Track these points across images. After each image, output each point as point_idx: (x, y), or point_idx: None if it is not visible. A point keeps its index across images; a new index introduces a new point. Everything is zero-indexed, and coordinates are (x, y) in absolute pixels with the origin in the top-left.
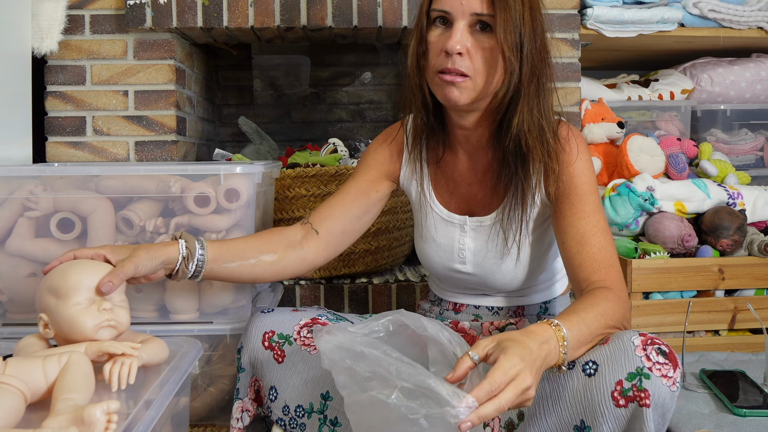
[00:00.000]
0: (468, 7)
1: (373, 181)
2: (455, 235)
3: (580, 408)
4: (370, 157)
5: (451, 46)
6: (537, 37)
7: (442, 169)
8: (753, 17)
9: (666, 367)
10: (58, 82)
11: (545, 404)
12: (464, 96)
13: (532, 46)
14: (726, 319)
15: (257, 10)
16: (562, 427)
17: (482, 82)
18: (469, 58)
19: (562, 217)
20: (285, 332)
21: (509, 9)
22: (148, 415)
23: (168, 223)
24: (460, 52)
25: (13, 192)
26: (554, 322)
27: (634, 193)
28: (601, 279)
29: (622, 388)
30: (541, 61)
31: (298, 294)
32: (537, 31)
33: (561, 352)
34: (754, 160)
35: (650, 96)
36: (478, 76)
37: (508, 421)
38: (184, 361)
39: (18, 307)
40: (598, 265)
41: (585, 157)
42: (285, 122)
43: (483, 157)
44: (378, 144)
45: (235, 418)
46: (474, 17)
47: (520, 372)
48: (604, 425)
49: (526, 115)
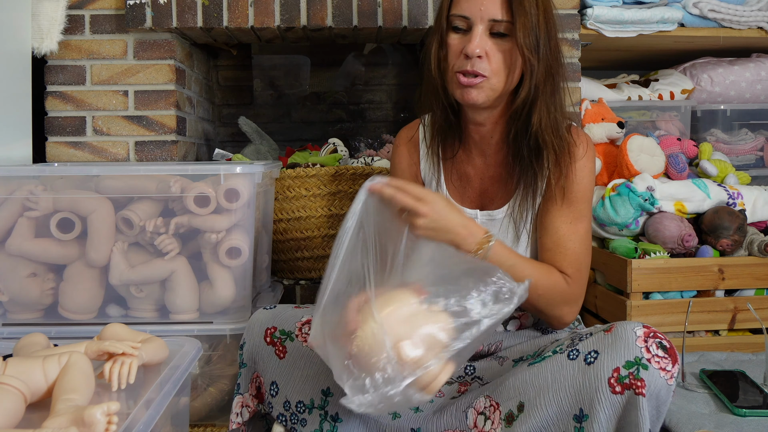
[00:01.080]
0: (486, 12)
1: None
2: None
3: (579, 397)
4: (399, 168)
5: (471, 49)
6: (551, 39)
7: (456, 164)
8: (753, 17)
9: (665, 361)
10: (58, 82)
11: (545, 395)
12: (482, 96)
13: (547, 47)
14: (726, 319)
15: (257, 10)
16: (562, 417)
17: (498, 83)
18: (488, 60)
19: (546, 213)
20: (287, 328)
21: (527, 14)
22: (148, 415)
23: (168, 223)
24: (479, 55)
25: (13, 192)
26: (492, 235)
27: (634, 193)
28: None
29: (618, 375)
30: (555, 61)
31: (298, 294)
32: (551, 33)
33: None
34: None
35: (650, 96)
36: (494, 77)
37: (508, 413)
38: (184, 361)
39: (18, 307)
40: (567, 263)
41: (589, 164)
42: (285, 122)
43: (496, 154)
44: (398, 149)
45: (234, 412)
46: (492, 23)
47: (426, 202)
48: (601, 412)
49: (544, 113)
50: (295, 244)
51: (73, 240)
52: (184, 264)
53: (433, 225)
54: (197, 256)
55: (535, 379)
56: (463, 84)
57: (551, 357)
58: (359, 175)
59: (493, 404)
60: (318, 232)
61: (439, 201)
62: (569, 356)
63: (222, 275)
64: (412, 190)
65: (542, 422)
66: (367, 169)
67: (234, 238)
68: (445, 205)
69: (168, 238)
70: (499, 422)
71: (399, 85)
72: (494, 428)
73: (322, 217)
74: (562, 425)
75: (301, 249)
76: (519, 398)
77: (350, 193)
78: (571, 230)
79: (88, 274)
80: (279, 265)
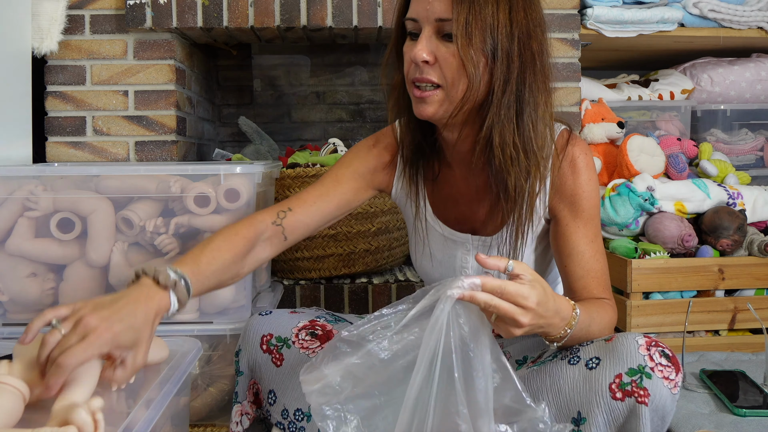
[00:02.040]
0: (432, 11)
1: (360, 190)
2: (457, 253)
3: (578, 399)
4: (358, 163)
5: (415, 53)
6: (517, 40)
7: (440, 185)
8: (753, 17)
9: (668, 370)
10: (58, 82)
11: (545, 398)
12: (439, 110)
13: (509, 49)
14: (726, 319)
15: (257, 10)
16: (560, 420)
17: (452, 92)
18: (440, 67)
19: (565, 237)
20: (283, 335)
21: (474, 11)
22: (148, 415)
23: (168, 223)
24: (426, 60)
25: (13, 192)
26: (575, 304)
27: (634, 193)
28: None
29: (620, 381)
30: (522, 65)
31: (298, 294)
32: (517, 33)
33: (562, 331)
34: (754, 160)
35: (650, 96)
36: (451, 87)
37: None
38: (184, 361)
39: (18, 307)
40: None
41: (590, 175)
42: (285, 122)
43: (479, 174)
44: (367, 149)
45: (234, 422)
46: (439, 23)
47: (527, 306)
48: (599, 415)
49: (506, 126)
50: (295, 244)
51: (73, 240)
52: None
53: (537, 321)
54: None
55: (534, 381)
56: (416, 96)
57: (551, 361)
58: None
59: None
60: (318, 232)
61: (541, 300)
62: (570, 362)
63: None
64: (510, 289)
65: None
66: None
67: None
68: (545, 299)
69: (168, 238)
70: None
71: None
72: None
73: None
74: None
75: (301, 249)
76: None
77: None
78: (594, 249)
79: (88, 274)
80: (279, 265)
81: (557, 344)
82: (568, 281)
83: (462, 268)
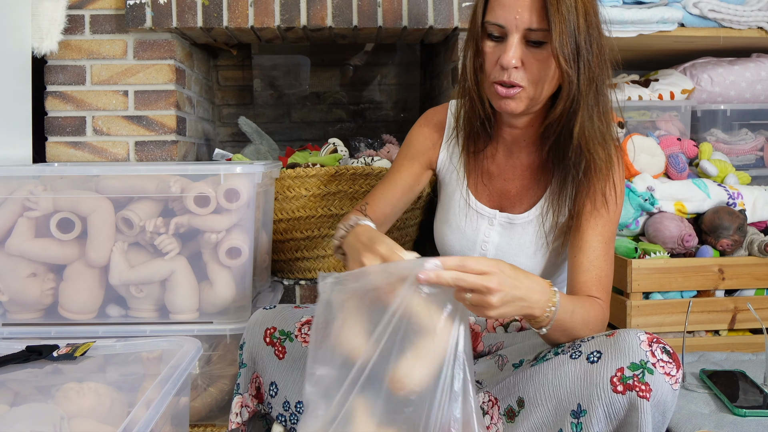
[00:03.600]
0: (522, 21)
1: (418, 175)
2: (481, 227)
3: (578, 392)
4: (414, 148)
5: (506, 61)
6: (593, 42)
7: (479, 160)
8: (753, 17)
9: (669, 366)
10: (58, 82)
11: (545, 390)
12: (521, 106)
13: (589, 52)
14: (726, 319)
15: (257, 10)
16: (561, 413)
17: (537, 92)
18: (524, 69)
19: (579, 229)
20: (286, 329)
21: (564, 21)
22: (148, 415)
23: (168, 223)
24: (515, 66)
25: (13, 192)
26: (550, 282)
27: (634, 193)
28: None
29: (622, 374)
30: (598, 65)
31: (298, 294)
32: (593, 36)
33: (547, 309)
34: (754, 160)
35: (650, 96)
36: (531, 86)
37: (507, 408)
38: (184, 361)
39: (18, 307)
40: (601, 287)
41: (621, 176)
42: (285, 122)
43: (524, 156)
44: (418, 131)
45: (234, 413)
46: (527, 32)
47: (492, 274)
48: (599, 408)
49: (587, 123)
50: (295, 244)
51: (73, 240)
52: (184, 264)
53: (508, 298)
54: (197, 256)
55: (535, 376)
56: (501, 95)
57: (553, 358)
58: (359, 175)
59: (491, 399)
60: (318, 232)
61: (505, 267)
62: (572, 356)
63: (222, 275)
64: (472, 266)
65: (541, 418)
66: (367, 169)
67: (234, 238)
68: (511, 269)
69: (168, 238)
70: (499, 417)
71: (399, 85)
72: (494, 423)
73: (322, 217)
74: (560, 421)
75: (301, 249)
76: (518, 394)
77: (350, 192)
78: (605, 250)
79: (88, 274)
80: (279, 265)
81: (545, 329)
82: (571, 272)
83: (483, 242)
